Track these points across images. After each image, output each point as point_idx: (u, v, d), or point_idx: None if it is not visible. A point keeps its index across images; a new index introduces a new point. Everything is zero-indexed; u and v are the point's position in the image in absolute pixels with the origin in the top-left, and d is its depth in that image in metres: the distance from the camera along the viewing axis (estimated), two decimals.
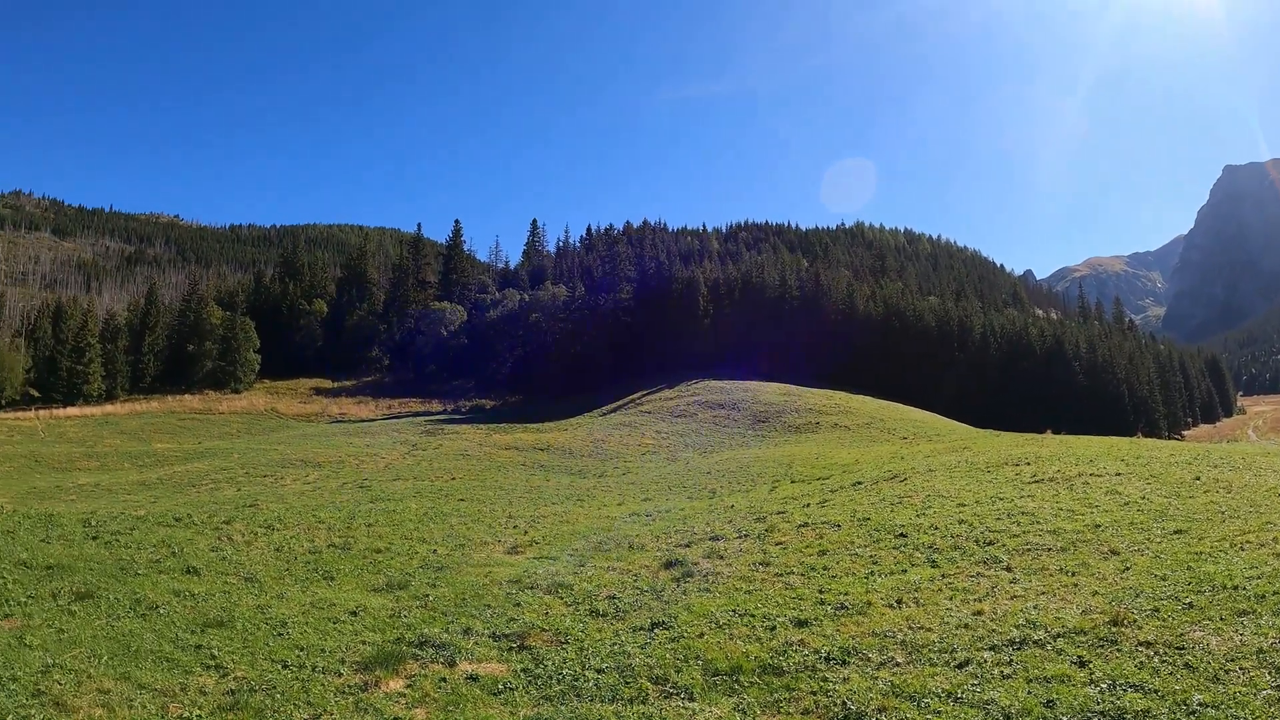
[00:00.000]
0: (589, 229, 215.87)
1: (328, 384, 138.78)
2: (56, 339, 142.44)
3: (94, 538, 19.69)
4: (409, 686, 10.82)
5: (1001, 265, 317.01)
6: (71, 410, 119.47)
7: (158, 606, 14.17)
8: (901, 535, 18.10)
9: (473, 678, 11.13)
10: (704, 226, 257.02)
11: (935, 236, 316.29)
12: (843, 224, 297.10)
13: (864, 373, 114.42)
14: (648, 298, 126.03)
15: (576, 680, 10.94)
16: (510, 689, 10.67)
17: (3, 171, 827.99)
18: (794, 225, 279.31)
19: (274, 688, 10.60)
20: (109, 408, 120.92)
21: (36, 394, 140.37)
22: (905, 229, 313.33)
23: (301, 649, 12.32)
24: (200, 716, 9.66)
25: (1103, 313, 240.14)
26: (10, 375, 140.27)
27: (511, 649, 12.46)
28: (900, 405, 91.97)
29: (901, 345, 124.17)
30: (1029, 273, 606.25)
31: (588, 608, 14.75)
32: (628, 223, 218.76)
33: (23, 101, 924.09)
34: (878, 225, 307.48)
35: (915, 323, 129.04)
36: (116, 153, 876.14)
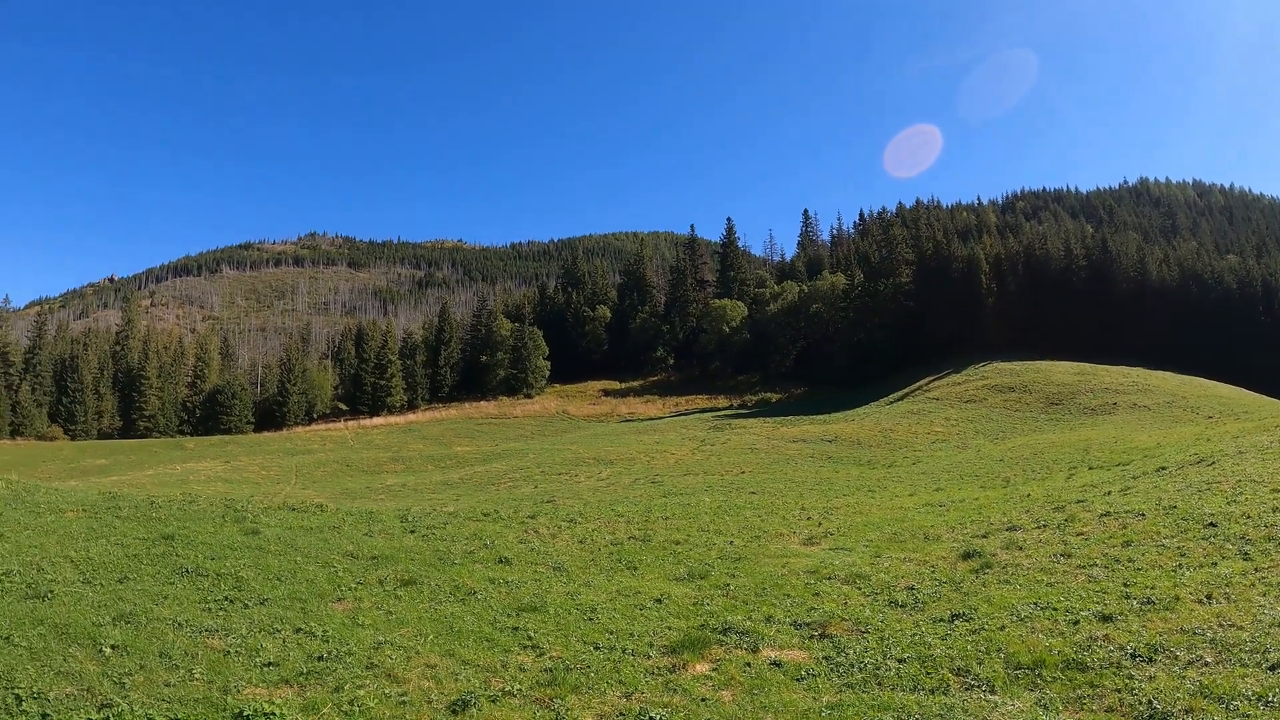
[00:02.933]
0: (861, 214, 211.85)
1: (615, 385, 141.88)
2: (360, 358, 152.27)
3: (412, 531, 21.00)
4: (714, 670, 11.02)
5: None
6: (377, 420, 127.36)
7: (475, 592, 15.06)
8: (1211, 525, 16.91)
9: (776, 663, 11.26)
10: (978, 200, 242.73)
11: (1228, 186, 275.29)
12: (1125, 182, 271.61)
13: (1160, 345, 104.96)
14: (927, 280, 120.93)
15: (878, 669, 10.93)
16: (813, 675, 10.76)
17: (299, 217, 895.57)
18: (1073, 189, 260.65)
19: (588, 667, 11.06)
20: (411, 416, 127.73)
21: (345, 407, 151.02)
22: (1194, 180, 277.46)
23: (611, 632, 12.79)
24: (521, 690, 10.18)
25: None
26: (321, 392, 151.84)
27: (813, 637, 12.53)
28: (1203, 380, 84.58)
29: (1200, 312, 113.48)
30: None
31: (886, 598, 14.64)
32: (900, 204, 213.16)
33: (313, 152, 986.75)
34: (1163, 180, 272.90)
35: (1214, 286, 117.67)
36: (401, 189, 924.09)
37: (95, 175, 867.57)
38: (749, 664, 11.20)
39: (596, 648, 12.06)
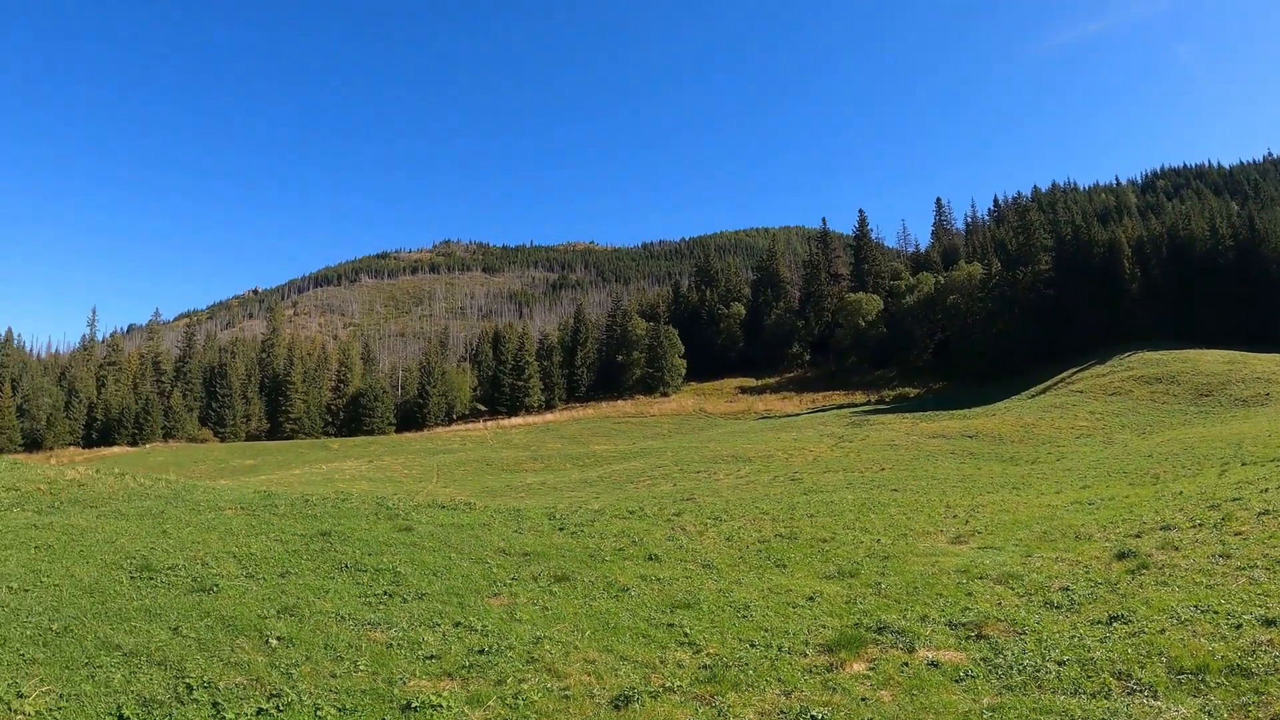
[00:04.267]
0: (996, 199, 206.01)
1: (751, 382, 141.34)
2: (497, 360, 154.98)
3: (560, 529, 21.15)
4: (871, 669, 10.78)
5: None
6: (515, 420, 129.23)
7: (628, 589, 15.06)
8: None
9: (933, 664, 11.01)
10: (1116, 180, 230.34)
11: None
12: (1269, 154, 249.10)
13: None
14: (1067, 266, 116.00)
15: (1038, 671, 10.60)
16: (971, 676, 10.49)
17: (434, 226, 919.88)
18: (1214, 164, 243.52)
19: (745, 664, 10.92)
20: (549, 416, 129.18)
21: (483, 408, 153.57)
22: None
23: (766, 630, 12.61)
24: (681, 686, 10.10)
25: None
26: (460, 394, 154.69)
27: (969, 637, 12.24)
28: None
29: None
30: None
31: (1041, 599, 14.21)
32: (1035, 187, 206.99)
33: (445, 162, 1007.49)
34: None
35: None
36: (532, 194, 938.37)
37: (237, 192, 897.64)
38: (906, 664, 10.97)
39: (753, 645, 11.92)
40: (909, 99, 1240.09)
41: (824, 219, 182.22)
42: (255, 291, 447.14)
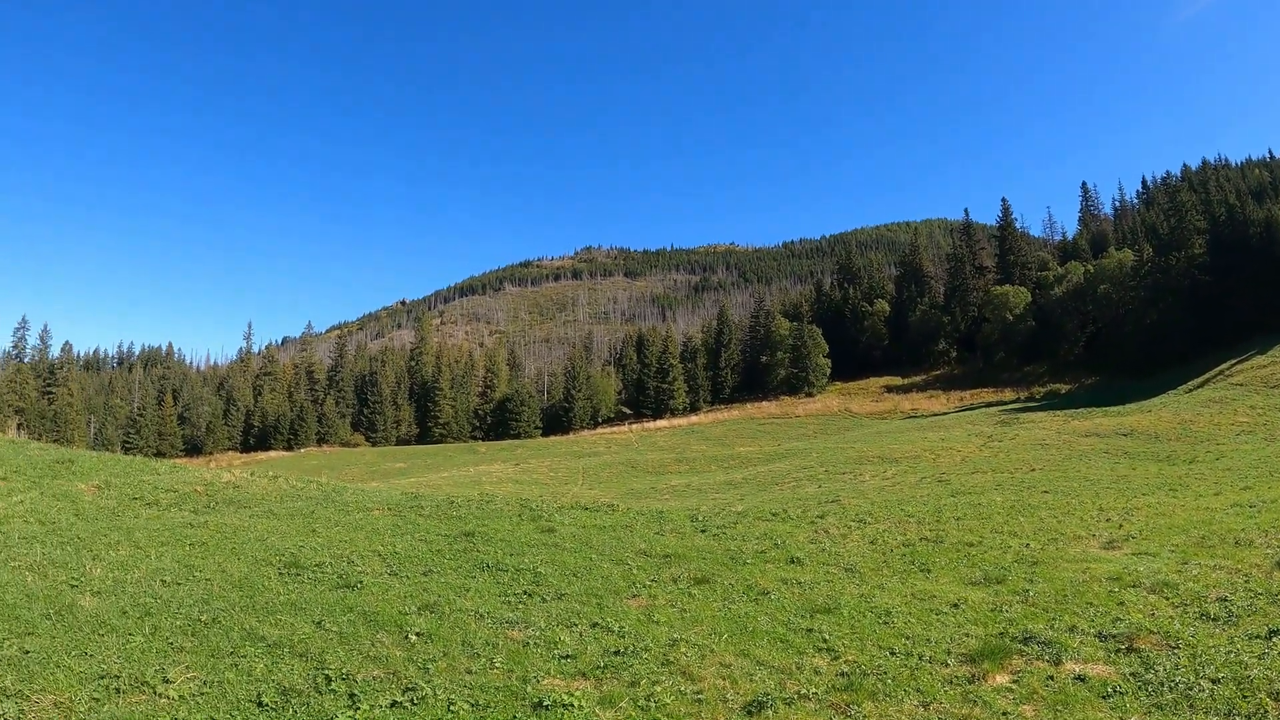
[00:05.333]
0: (1143, 181, 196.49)
1: (897, 381, 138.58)
2: (641, 363, 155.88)
3: (702, 530, 21.04)
4: (1015, 682, 10.36)
5: None
6: (660, 422, 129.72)
7: (768, 592, 14.81)
8: None
9: (1080, 678, 10.51)
10: (1270, 154, 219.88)
11: None
12: None
13: None
14: (1222, 249, 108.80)
15: (1189, 689, 10.00)
16: (1120, 693, 9.97)
17: (574, 233, 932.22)
18: None
19: (884, 673, 10.63)
20: (693, 418, 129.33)
21: (628, 411, 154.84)
22: None
23: (907, 638, 12.26)
24: (816, 694, 9.87)
25: None
26: (604, 397, 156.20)
27: (1119, 650, 11.68)
28: None
29: None
30: None
31: (1197, 610, 13.48)
32: (1184, 166, 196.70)
33: (585, 169, 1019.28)
34: None
35: None
36: (670, 198, 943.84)
37: (384, 208, 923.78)
38: (1051, 677, 10.50)
39: (892, 653, 11.58)
40: (1048, 79, 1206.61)
41: (966, 210, 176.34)
42: (403, 303, 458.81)
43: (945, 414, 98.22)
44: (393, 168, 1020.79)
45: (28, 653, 10.56)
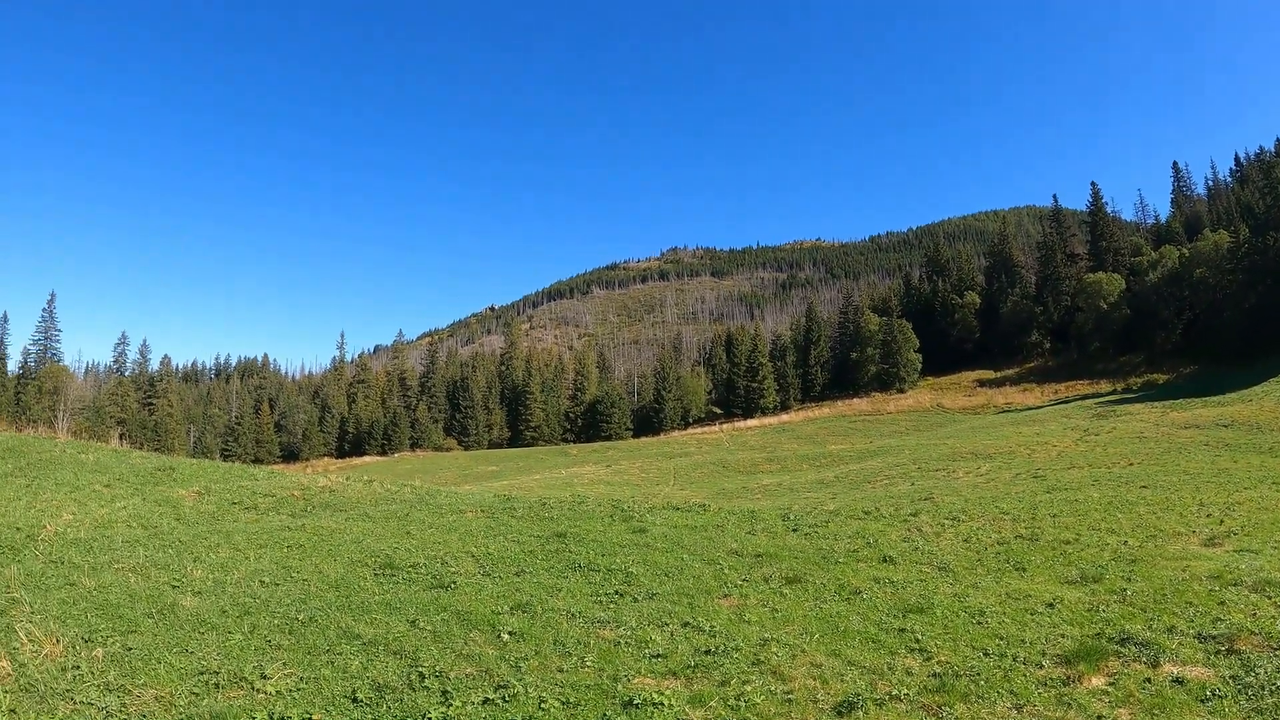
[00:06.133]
0: (1236, 157, 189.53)
1: (990, 374, 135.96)
2: (730, 363, 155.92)
3: (794, 530, 20.93)
4: (1111, 684, 10.13)
5: None
6: (751, 421, 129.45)
7: (860, 591, 14.69)
8: None
9: (1178, 680, 10.21)
10: None
11: None
12: None
13: None
14: None
15: None
16: (1219, 696, 9.65)
17: (660, 235, 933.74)
18: None
19: (977, 674, 10.47)
20: (784, 416, 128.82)
21: (719, 410, 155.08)
22: None
23: (1001, 638, 12.06)
24: (908, 695, 9.77)
25: None
26: (695, 397, 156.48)
27: (1218, 652, 11.31)
28: None
29: None
30: None
31: None
32: (1278, 139, 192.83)
33: (669, 171, 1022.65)
34: None
35: None
36: (755, 196, 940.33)
37: (469, 215, 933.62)
38: (1148, 680, 10.24)
39: (986, 654, 11.40)
40: (1133, 55, 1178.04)
41: (1054, 196, 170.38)
42: (492, 309, 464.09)
43: (1039, 407, 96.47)
44: (477, 174, 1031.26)
45: (130, 649, 10.92)
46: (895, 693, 9.86)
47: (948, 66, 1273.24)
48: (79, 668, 10.13)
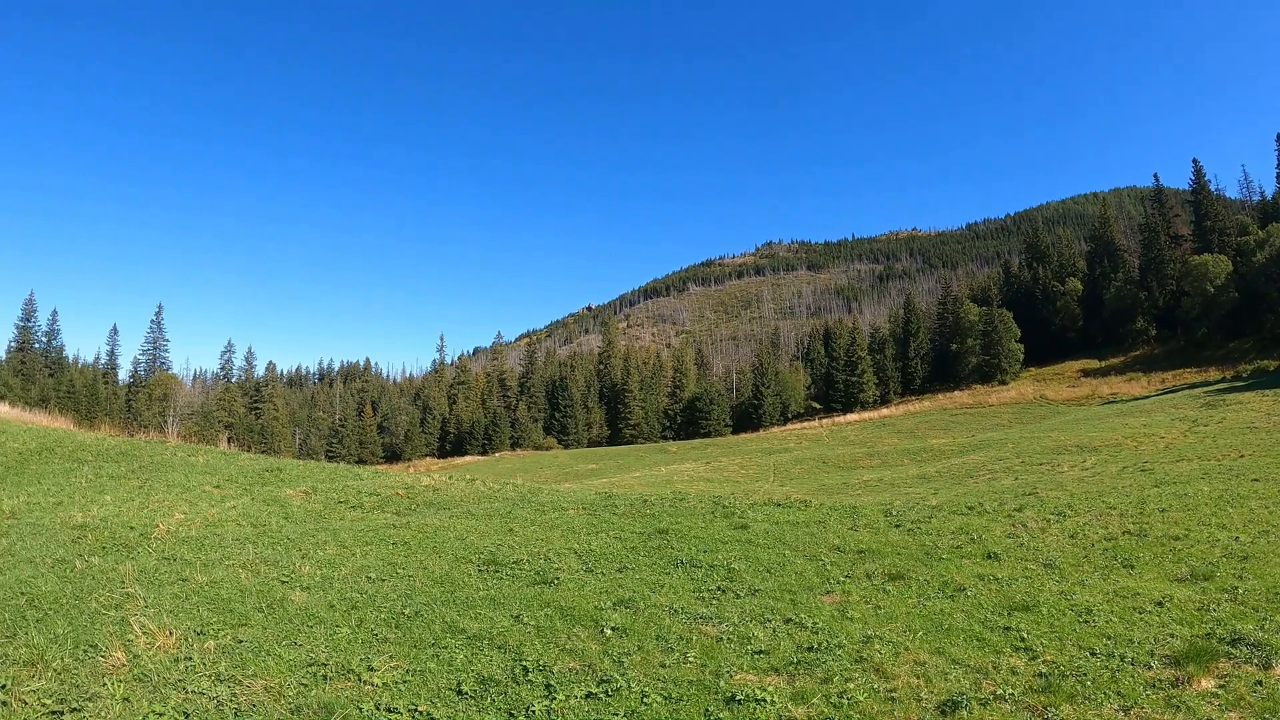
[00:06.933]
0: None
1: (1094, 364, 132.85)
2: (829, 357, 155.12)
3: (896, 526, 20.74)
4: (1221, 687, 9.85)
5: None
6: (851, 416, 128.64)
7: (964, 589, 14.53)
8: None
9: None
10: None
11: None
12: None
13: None
14: None
15: None
16: None
17: (754, 230, 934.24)
18: None
19: (1083, 675, 10.30)
20: (884, 411, 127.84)
21: (818, 406, 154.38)
22: None
23: (1108, 638, 11.84)
24: (1013, 695, 9.65)
25: None
26: (794, 392, 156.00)
27: None
28: None
29: None
30: None
31: None
32: None
33: (763, 165, 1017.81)
34: None
35: None
36: (849, 187, 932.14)
37: (564, 217, 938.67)
38: (1260, 682, 9.93)
39: (1092, 654, 11.20)
40: (1223, 19, 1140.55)
41: (1155, 175, 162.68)
42: (589, 308, 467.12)
43: (1146, 397, 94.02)
44: (570, 177, 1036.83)
45: (241, 642, 11.26)
46: (1000, 692, 9.75)
47: (1038, 42, 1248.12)
48: (191, 659, 10.48)
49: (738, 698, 9.47)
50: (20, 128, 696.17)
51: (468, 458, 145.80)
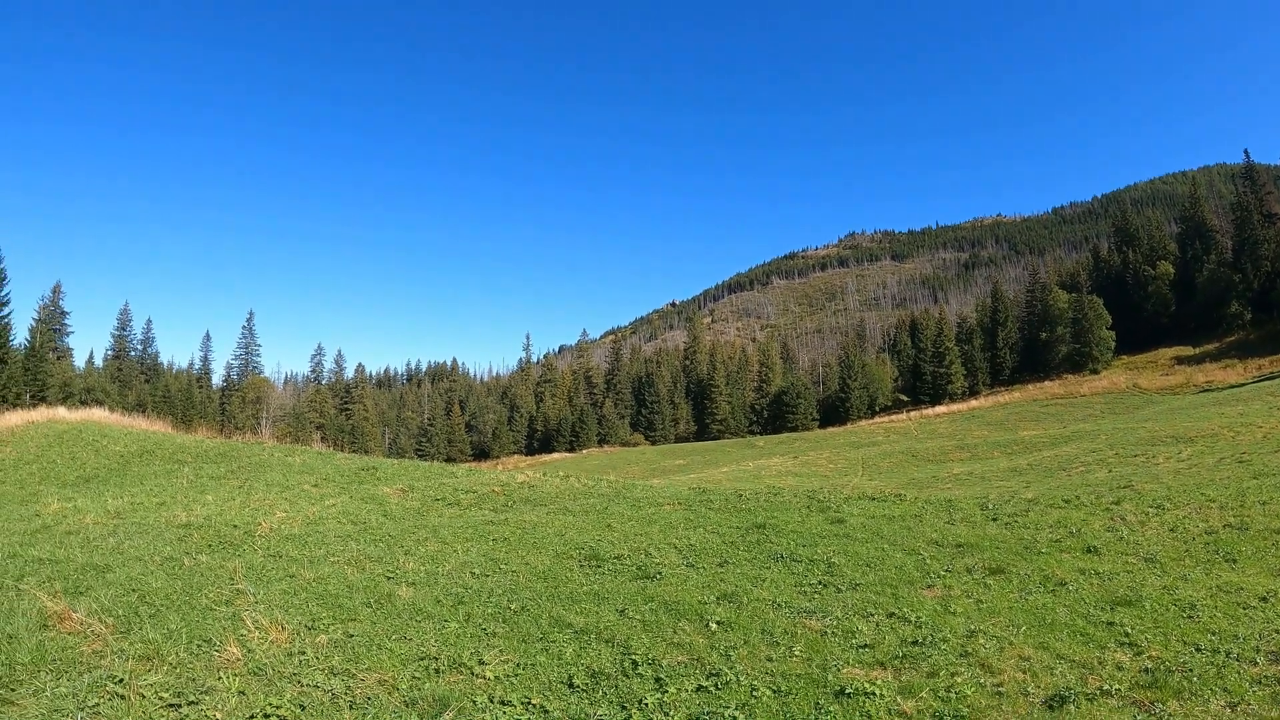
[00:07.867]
0: None
1: (1188, 350, 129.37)
2: (916, 348, 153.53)
3: (993, 519, 20.58)
4: None
5: None
6: (939, 408, 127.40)
7: (1065, 583, 14.38)
8: None
9: None
10: None
11: None
12: None
13: None
14: None
15: None
16: None
17: (837, 220, 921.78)
18: None
19: (1189, 670, 10.22)
20: (973, 402, 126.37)
21: (905, 398, 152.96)
22: None
23: (1213, 633, 11.70)
24: (1119, 690, 9.63)
25: None
26: (881, 385, 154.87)
27: None
28: None
29: None
30: None
31: None
32: None
33: (845, 155, 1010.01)
34: None
35: None
36: (932, 174, 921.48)
37: (645, 220, 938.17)
38: None
39: (1198, 649, 11.09)
40: None
41: (1245, 151, 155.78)
42: (673, 304, 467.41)
43: (1242, 385, 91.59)
44: (652, 178, 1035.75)
45: (351, 636, 11.59)
46: (1106, 687, 9.75)
47: (1122, 11, 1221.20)
48: (304, 653, 10.82)
49: (847, 691, 9.56)
50: (109, 144, 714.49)
51: (555, 455, 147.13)
